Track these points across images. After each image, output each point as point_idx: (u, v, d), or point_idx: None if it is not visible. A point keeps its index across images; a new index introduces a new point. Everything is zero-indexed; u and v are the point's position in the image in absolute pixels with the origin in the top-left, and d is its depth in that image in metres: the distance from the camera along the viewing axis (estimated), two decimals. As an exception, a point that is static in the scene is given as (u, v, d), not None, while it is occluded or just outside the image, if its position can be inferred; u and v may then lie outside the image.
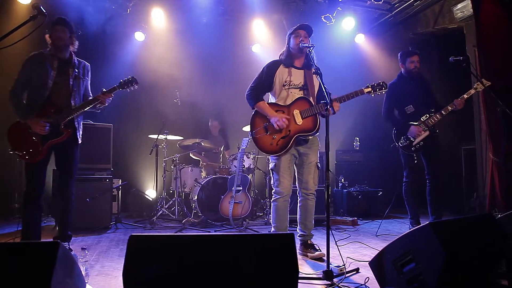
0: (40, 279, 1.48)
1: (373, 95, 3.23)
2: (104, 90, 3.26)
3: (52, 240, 2.90)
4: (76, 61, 3.31)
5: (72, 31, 3.25)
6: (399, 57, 4.32)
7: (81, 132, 3.37)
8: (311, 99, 3.25)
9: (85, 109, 3.22)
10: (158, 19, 6.31)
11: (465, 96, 3.96)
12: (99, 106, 3.28)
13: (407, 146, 4.13)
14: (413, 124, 4.09)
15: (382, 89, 3.21)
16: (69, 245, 3.31)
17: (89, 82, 3.44)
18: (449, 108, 3.99)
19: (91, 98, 3.29)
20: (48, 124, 3.07)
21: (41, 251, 1.55)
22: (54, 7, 4.93)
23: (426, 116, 4.08)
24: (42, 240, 3.27)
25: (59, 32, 3.15)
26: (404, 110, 4.20)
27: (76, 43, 3.31)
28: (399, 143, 4.18)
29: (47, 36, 3.17)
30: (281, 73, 3.32)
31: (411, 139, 4.09)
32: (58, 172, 3.39)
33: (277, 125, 3.15)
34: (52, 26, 3.16)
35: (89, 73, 3.44)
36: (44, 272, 1.48)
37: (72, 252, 3.03)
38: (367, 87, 3.21)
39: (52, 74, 3.13)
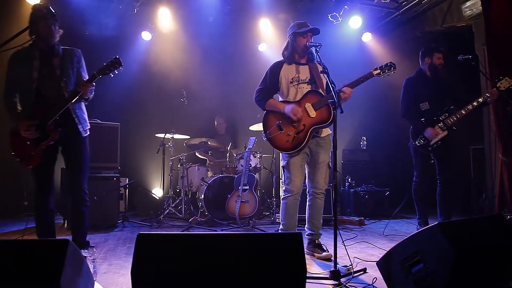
0: (49, 276, 1.49)
1: (382, 76, 3.22)
2: (83, 79, 3.00)
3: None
4: (60, 49, 3.03)
5: (57, 21, 2.97)
6: (423, 52, 4.21)
7: (86, 124, 3.11)
8: (320, 90, 3.23)
9: (68, 105, 2.89)
10: (165, 18, 6.32)
11: (487, 95, 3.83)
12: (87, 95, 2.97)
13: (424, 145, 4.07)
14: (431, 125, 4.02)
15: (391, 69, 3.20)
16: (88, 253, 2.95)
17: (83, 68, 3.14)
18: (469, 107, 3.88)
19: (70, 90, 2.95)
20: (34, 127, 2.84)
21: (51, 248, 1.56)
22: (61, 7, 4.96)
23: (446, 115, 4.03)
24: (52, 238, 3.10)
25: (46, 26, 2.89)
26: (419, 107, 4.16)
27: (60, 32, 3.02)
28: (416, 142, 4.12)
29: (28, 30, 2.90)
30: (286, 71, 3.32)
31: (429, 138, 4.04)
32: (68, 171, 3.15)
33: (293, 113, 3.12)
34: (36, 19, 2.87)
35: (81, 58, 3.13)
36: (54, 269, 1.49)
37: (88, 256, 2.86)
38: (376, 69, 3.21)
39: (36, 64, 2.90)
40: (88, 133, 3.14)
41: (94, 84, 2.94)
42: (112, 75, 2.97)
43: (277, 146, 3.26)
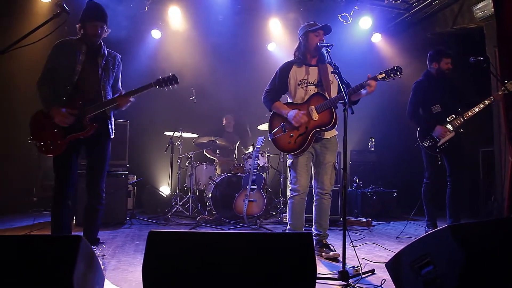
0: (62, 272, 1.51)
1: (388, 80, 3.10)
2: (121, 91, 3.08)
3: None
4: (105, 51, 3.10)
5: (106, 22, 3.06)
6: (431, 56, 4.20)
7: (113, 126, 3.16)
8: (326, 94, 3.23)
9: (103, 109, 2.95)
10: (175, 17, 6.35)
11: (500, 93, 3.81)
12: (121, 108, 3.07)
13: (432, 146, 4.06)
14: (439, 124, 4.02)
15: (396, 74, 3.06)
16: (97, 249, 2.92)
17: (120, 74, 3.23)
18: (476, 109, 3.88)
19: (110, 98, 3.03)
20: (71, 116, 2.82)
21: (64, 244, 1.58)
22: (73, 4, 4.99)
23: (453, 117, 4.01)
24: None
25: (98, 28, 2.96)
26: (430, 110, 4.13)
27: (108, 31, 3.10)
28: (424, 143, 4.12)
29: (78, 26, 2.98)
30: (295, 73, 3.32)
31: (436, 139, 4.03)
32: (88, 168, 3.10)
33: (295, 120, 3.14)
34: (89, 20, 2.95)
35: (120, 64, 3.21)
36: (66, 265, 1.51)
37: (98, 253, 2.72)
38: (380, 73, 3.07)
39: (81, 59, 2.92)
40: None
41: (133, 99, 3.05)
42: (166, 89, 3.09)
43: (280, 147, 3.29)
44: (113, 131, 3.16)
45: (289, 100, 3.41)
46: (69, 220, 3.04)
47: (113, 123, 3.17)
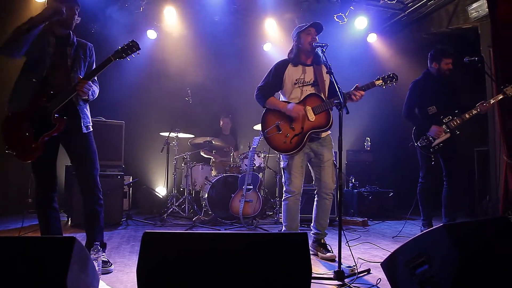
0: (56, 273, 1.50)
1: (384, 87, 3.20)
2: (79, 76, 2.74)
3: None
4: (75, 40, 2.86)
5: (79, 7, 2.81)
6: (432, 55, 4.20)
7: (87, 120, 2.88)
8: (322, 94, 3.23)
9: (66, 100, 2.65)
10: (171, 17, 6.34)
11: (492, 101, 3.86)
12: (81, 96, 2.74)
13: (426, 146, 4.08)
14: (435, 125, 4.03)
15: (393, 81, 3.19)
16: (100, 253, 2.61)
17: (94, 64, 2.96)
18: (473, 112, 3.91)
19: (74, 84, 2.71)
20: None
21: (57, 246, 1.57)
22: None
23: (449, 118, 4.02)
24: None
25: (73, 9, 2.73)
26: (426, 110, 4.14)
27: (78, 19, 2.84)
28: (418, 143, 4.13)
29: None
30: (291, 72, 3.31)
31: (431, 139, 4.04)
32: (75, 169, 2.93)
33: (295, 112, 3.13)
34: (64, 2, 2.67)
35: (93, 53, 2.97)
36: (60, 267, 1.50)
37: (102, 257, 2.67)
38: (378, 79, 3.19)
39: (50, 51, 2.70)
40: (91, 129, 2.92)
41: (90, 84, 2.72)
42: (128, 59, 2.80)
43: (273, 146, 3.26)
44: (87, 126, 2.87)
45: (283, 99, 3.40)
46: (57, 222, 2.86)
47: (86, 115, 2.89)
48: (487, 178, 5.32)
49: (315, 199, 3.39)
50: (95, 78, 2.92)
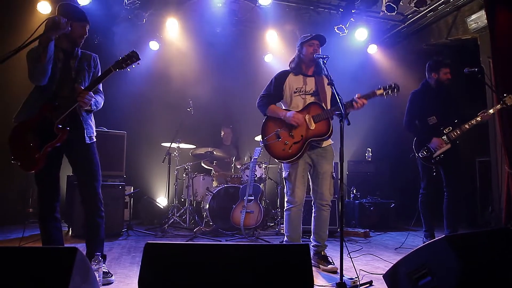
0: (57, 284, 1.49)
1: (385, 97, 3.21)
2: (80, 87, 2.78)
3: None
4: (79, 52, 2.92)
5: (88, 25, 2.90)
6: (430, 66, 4.21)
7: (91, 131, 2.90)
8: (323, 104, 3.25)
9: (68, 110, 2.69)
10: (173, 29, 6.39)
11: (491, 111, 3.86)
12: (83, 107, 2.78)
13: (427, 157, 4.07)
14: (436, 136, 4.04)
15: (394, 91, 3.18)
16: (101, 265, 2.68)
17: (99, 73, 2.99)
18: (473, 122, 3.91)
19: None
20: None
21: (59, 256, 1.57)
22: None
23: (449, 129, 4.03)
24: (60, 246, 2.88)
25: (86, 29, 2.83)
26: (426, 121, 4.15)
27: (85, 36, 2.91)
28: (419, 154, 4.13)
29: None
30: (292, 81, 3.35)
31: (432, 150, 4.04)
32: (78, 180, 2.96)
33: (294, 120, 3.14)
34: (78, 20, 2.78)
35: (98, 64, 3.02)
36: (62, 277, 1.50)
37: (103, 268, 2.70)
38: (379, 88, 3.19)
39: (59, 66, 2.78)
40: (94, 140, 2.94)
41: (91, 95, 2.75)
42: (129, 69, 2.82)
43: (272, 154, 3.27)
44: (91, 136, 2.90)
45: (284, 108, 3.42)
46: (59, 233, 2.87)
47: (90, 126, 2.92)
48: (489, 188, 5.30)
49: (313, 210, 3.38)
50: (100, 88, 2.98)
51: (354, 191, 6.10)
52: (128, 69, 2.83)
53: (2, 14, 5.62)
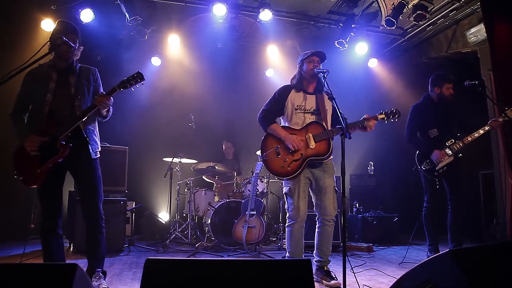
0: (57, 302, 1.47)
1: (386, 122, 3.24)
2: (102, 92, 2.88)
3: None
4: (77, 67, 2.94)
5: (79, 38, 2.89)
6: (433, 80, 4.21)
7: (96, 146, 2.94)
8: (323, 123, 3.26)
9: (84, 119, 2.76)
10: (174, 45, 6.47)
11: (500, 119, 3.78)
12: (101, 111, 2.83)
13: (430, 170, 4.05)
14: (438, 148, 4.02)
15: (395, 117, 3.23)
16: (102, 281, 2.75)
17: (101, 87, 3.04)
18: (475, 134, 3.89)
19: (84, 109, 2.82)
20: (39, 141, 2.67)
21: (59, 273, 1.55)
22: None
23: (452, 141, 4.02)
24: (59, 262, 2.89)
25: (68, 44, 2.75)
26: (428, 134, 4.15)
27: (81, 48, 2.93)
28: (422, 167, 4.11)
29: (48, 45, 2.75)
30: (293, 97, 3.35)
31: (435, 163, 4.02)
32: (80, 195, 2.99)
33: (293, 145, 3.14)
34: (59, 34, 2.75)
35: (98, 77, 3.04)
36: (61, 295, 1.48)
37: (105, 285, 2.71)
38: (381, 113, 3.24)
39: (51, 87, 2.78)
40: (98, 156, 2.97)
41: (111, 98, 2.79)
42: (133, 89, 2.87)
43: (271, 170, 3.27)
44: (96, 151, 2.93)
45: (283, 123, 3.42)
46: (60, 249, 2.88)
47: (95, 141, 2.95)
48: (493, 201, 5.26)
49: (317, 225, 3.34)
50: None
51: (357, 205, 6.07)
52: (132, 89, 2.87)
53: (5, 31, 5.70)
